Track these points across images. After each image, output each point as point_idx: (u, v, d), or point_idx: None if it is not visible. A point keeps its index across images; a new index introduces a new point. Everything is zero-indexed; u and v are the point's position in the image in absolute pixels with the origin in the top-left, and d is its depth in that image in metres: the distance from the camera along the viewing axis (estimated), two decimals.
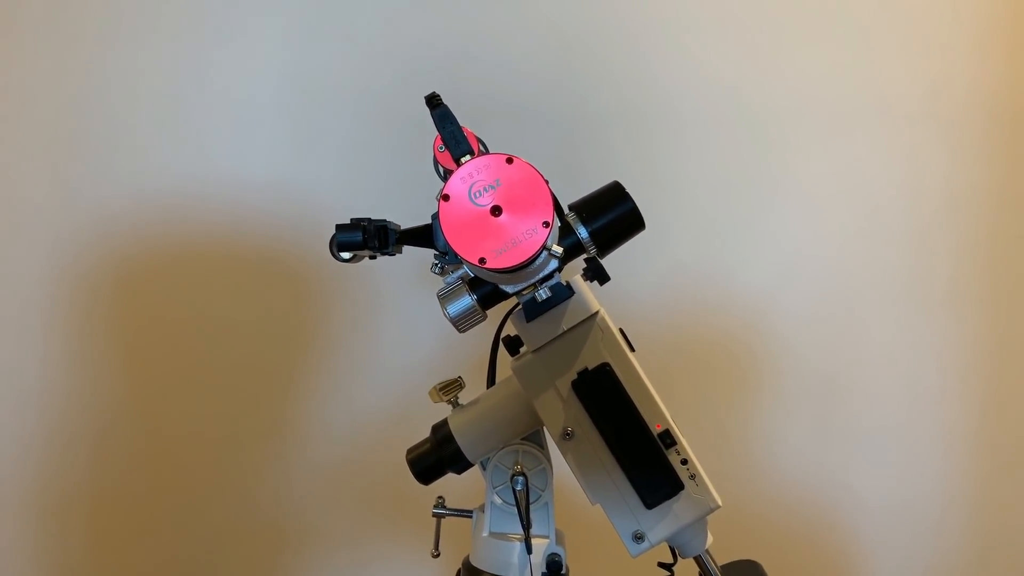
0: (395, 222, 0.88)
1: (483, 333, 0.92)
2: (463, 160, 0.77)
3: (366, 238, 0.84)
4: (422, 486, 0.98)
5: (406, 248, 0.89)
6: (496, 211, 0.75)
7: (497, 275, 0.80)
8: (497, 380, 1.00)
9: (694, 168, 1.45)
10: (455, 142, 0.78)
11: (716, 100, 1.44)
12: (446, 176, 0.86)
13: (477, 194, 0.75)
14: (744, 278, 1.46)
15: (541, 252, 0.76)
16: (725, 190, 1.45)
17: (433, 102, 0.79)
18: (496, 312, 0.88)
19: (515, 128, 1.39)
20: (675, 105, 1.44)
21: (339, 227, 0.84)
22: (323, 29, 1.43)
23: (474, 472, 0.98)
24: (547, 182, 0.75)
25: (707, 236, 1.46)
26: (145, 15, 1.42)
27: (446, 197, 0.75)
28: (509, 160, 0.75)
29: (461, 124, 0.80)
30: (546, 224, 0.74)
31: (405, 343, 1.46)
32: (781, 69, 1.44)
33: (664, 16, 1.44)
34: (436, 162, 0.87)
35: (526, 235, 0.75)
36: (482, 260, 0.75)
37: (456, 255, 0.76)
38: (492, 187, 0.75)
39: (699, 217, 1.46)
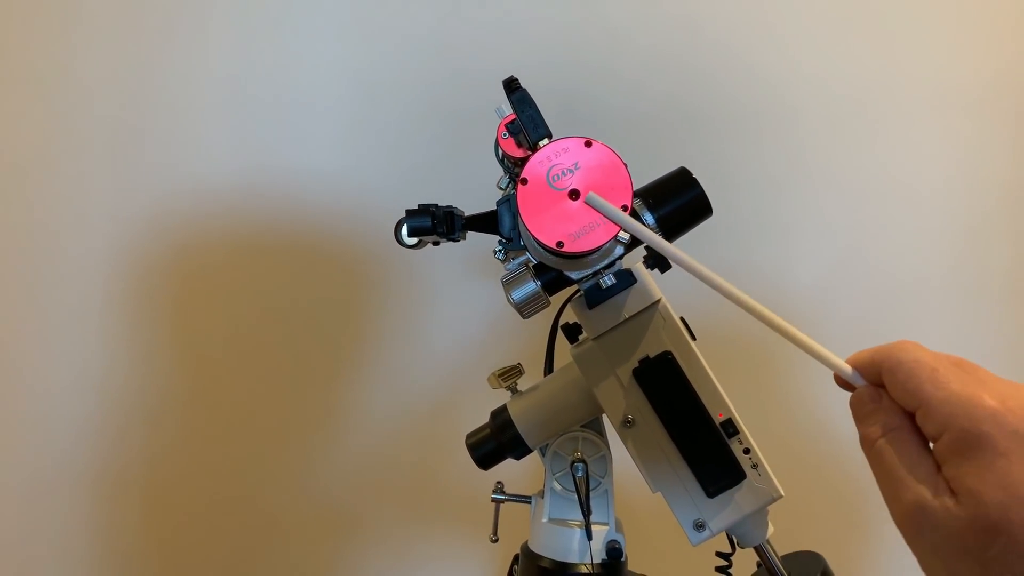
0: (460, 208, 0.89)
1: (530, 321, 0.92)
2: (541, 144, 0.76)
3: (435, 223, 0.84)
4: (472, 472, 0.98)
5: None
6: (574, 195, 0.75)
7: (564, 260, 0.80)
8: (555, 367, 1.00)
9: (744, 162, 1.44)
10: (534, 125, 0.77)
11: (763, 93, 1.43)
12: (504, 161, 0.86)
13: (555, 177, 0.75)
14: (796, 273, 1.45)
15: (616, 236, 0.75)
16: (777, 184, 1.45)
17: (512, 86, 0.78)
18: (552, 300, 0.88)
19: (563, 121, 1.38)
20: (723, 100, 1.43)
21: (409, 212, 0.85)
22: (378, 25, 1.43)
23: (523, 459, 0.98)
24: (626, 166, 0.75)
25: (758, 230, 1.45)
26: (203, 10, 1.42)
27: (524, 181, 0.75)
28: (588, 143, 0.75)
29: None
30: (624, 208, 0.74)
31: (454, 331, 1.46)
32: (832, 61, 1.43)
33: (705, 10, 1.43)
34: (497, 147, 0.87)
35: (604, 219, 0.75)
36: (560, 244, 0.74)
37: (531, 239, 0.76)
38: (571, 171, 0.75)
39: (749, 211, 1.45)
